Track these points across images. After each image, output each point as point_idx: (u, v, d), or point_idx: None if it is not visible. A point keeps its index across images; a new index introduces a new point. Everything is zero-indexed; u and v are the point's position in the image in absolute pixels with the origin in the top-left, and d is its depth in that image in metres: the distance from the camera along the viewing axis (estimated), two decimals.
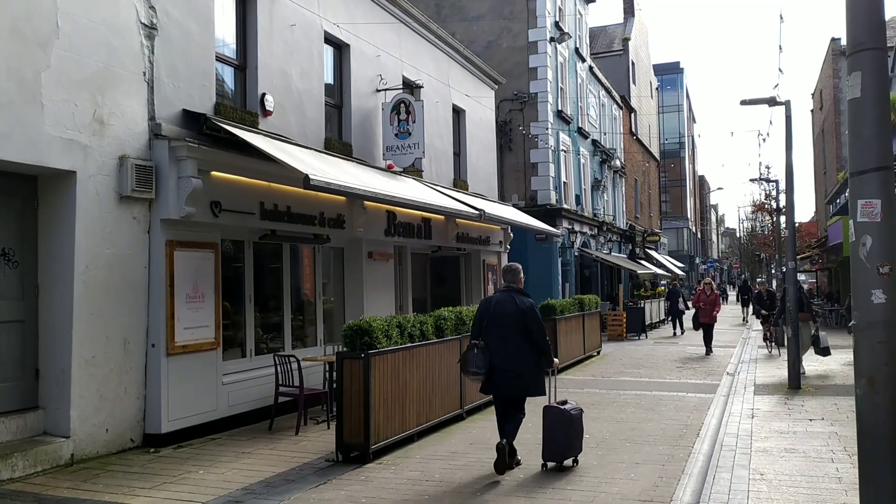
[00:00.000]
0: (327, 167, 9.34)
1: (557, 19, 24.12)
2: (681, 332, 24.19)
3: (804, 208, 70.52)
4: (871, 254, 3.81)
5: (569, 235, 23.83)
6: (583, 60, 27.57)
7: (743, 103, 14.38)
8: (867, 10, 3.89)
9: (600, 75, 30.55)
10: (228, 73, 9.89)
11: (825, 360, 13.92)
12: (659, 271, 35.12)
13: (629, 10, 41.65)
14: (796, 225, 16.78)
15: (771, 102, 14.18)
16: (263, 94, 10.01)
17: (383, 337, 7.62)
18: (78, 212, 7.39)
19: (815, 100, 39.02)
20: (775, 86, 34.90)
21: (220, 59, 9.55)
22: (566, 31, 24.51)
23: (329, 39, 11.77)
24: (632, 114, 37.43)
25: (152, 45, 8.30)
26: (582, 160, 26.96)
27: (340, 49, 12.24)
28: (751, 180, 70.92)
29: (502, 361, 6.82)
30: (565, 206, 23.73)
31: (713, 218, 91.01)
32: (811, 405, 10.06)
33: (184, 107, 8.66)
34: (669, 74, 59.66)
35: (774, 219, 27.01)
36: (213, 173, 8.63)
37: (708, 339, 18.11)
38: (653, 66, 50.45)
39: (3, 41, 6.68)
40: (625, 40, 38.61)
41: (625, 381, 13.06)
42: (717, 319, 19.17)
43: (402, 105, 12.74)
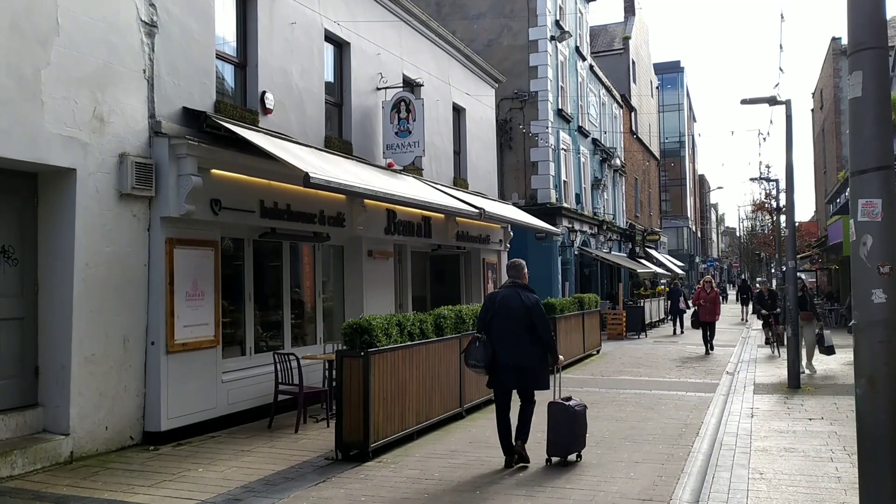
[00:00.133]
0: (327, 165, 9.33)
1: (558, 18, 24.11)
2: (681, 331, 24.22)
3: (804, 208, 70.60)
4: (872, 253, 3.81)
5: (569, 234, 23.84)
6: (583, 59, 27.55)
7: (743, 102, 14.37)
8: (868, 10, 3.89)
9: (601, 74, 30.54)
10: (229, 71, 9.88)
11: (825, 360, 13.93)
12: (659, 270, 35.14)
13: (630, 9, 41.62)
14: (796, 224, 16.77)
15: (771, 102, 14.17)
16: (264, 92, 10.01)
17: (383, 335, 7.62)
18: (78, 209, 7.39)
19: (816, 99, 39.02)
20: (776, 85, 34.97)
21: (221, 57, 9.55)
22: (567, 30, 24.50)
23: (329, 37, 11.76)
24: (632, 113, 37.42)
25: (152, 43, 8.29)
26: (582, 159, 26.96)
27: (341, 47, 12.22)
28: (751, 179, 71.04)
29: (506, 356, 6.90)
30: (565, 205, 23.72)
31: (713, 217, 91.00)
32: (811, 404, 10.06)
33: (184, 104, 8.65)
34: (670, 73, 59.63)
35: (774, 218, 27.01)
36: (213, 171, 8.62)
37: (709, 338, 18.10)
38: (653, 65, 50.42)
39: (4, 38, 6.67)
40: (625, 39, 38.58)
41: (624, 380, 13.07)
42: (719, 317, 19.08)
43: (403, 103, 12.73)
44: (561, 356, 7.37)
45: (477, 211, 12.93)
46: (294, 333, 10.78)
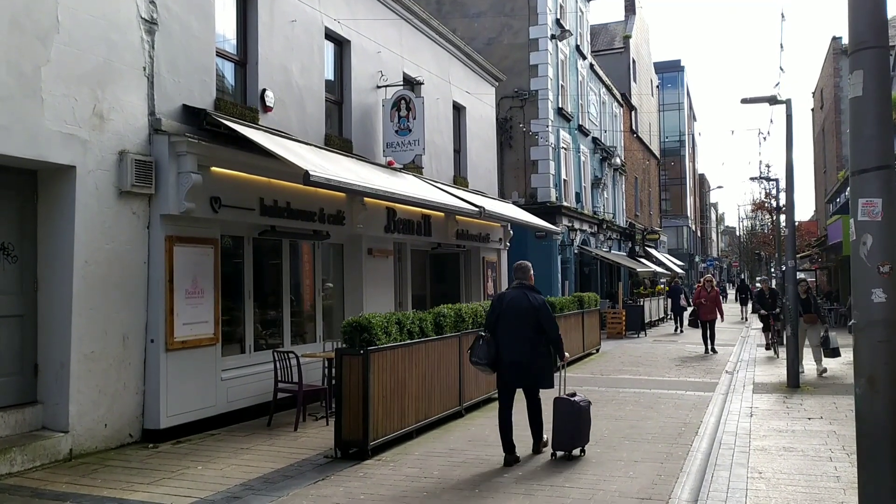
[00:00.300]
0: (327, 163, 9.33)
1: (558, 16, 24.10)
2: (681, 330, 24.24)
3: (804, 207, 70.51)
4: (872, 253, 3.80)
5: (568, 233, 23.84)
6: (583, 58, 27.54)
7: (743, 102, 14.35)
8: (869, 9, 3.88)
9: (601, 73, 30.52)
10: (229, 69, 9.87)
11: (826, 360, 13.90)
12: (658, 269, 35.13)
13: (630, 8, 41.61)
14: (796, 224, 16.77)
15: (771, 101, 14.15)
16: (264, 90, 10.00)
17: (382, 334, 7.63)
18: (77, 207, 7.38)
19: (816, 98, 39.01)
20: (776, 84, 34.99)
21: (221, 55, 9.54)
22: (567, 29, 24.48)
23: (330, 35, 11.75)
24: (632, 112, 37.41)
25: (152, 40, 8.28)
26: (582, 158, 26.95)
27: (341, 45, 12.22)
28: (751, 179, 71.01)
29: (511, 354, 7.08)
30: (565, 204, 23.72)
31: (713, 216, 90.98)
32: (810, 404, 10.06)
33: (184, 102, 8.65)
34: (670, 72, 59.59)
35: (774, 217, 26.98)
36: (213, 169, 8.62)
37: (711, 338, 18.01)
38: (653, 64, 50.41)
39: (4, 35, 6.66)
40: (626, 38, 38.56)
41: (624, 379, 13.07)
42: (722, 316, 18.94)
43: (403, 101, 12.72)
44: (567, 353, 7.58)
45: (477, 209, 12.93)
46: (293, 331, 10.77)
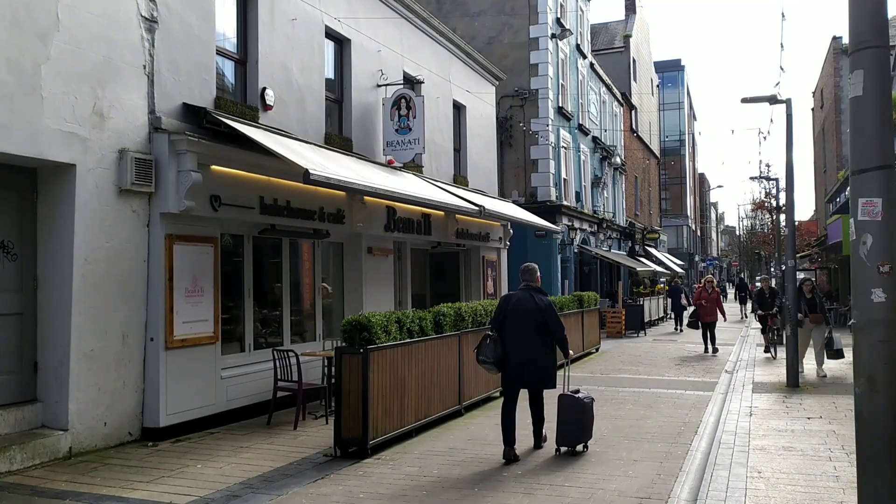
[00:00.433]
0: (327, 162, 9.32)
1: (559, 15, 24.09)
2: (681, 329, 24.25)
3: (804, 207, 70.39)
4: (872, 252, 3.80)
5: (568, 232, 23.83)
6: (584, 57, 27.53)
7: (744, 101, 14.34)
8: (870, 9, 3.88)
9: (601, 72, 30.51)
10: (229, 67, 9.86)
11: (826, 361, 13.87)
12: (658, 269, 35.13)
13: (630, 7, 41.60)
14: (796, 223, 16.76)
15: (772, 100, 14.14)
16: (264, 89, 9.99)
17: (382, 332, 7.63)
18: (77, 205, 7.38)
19: (816, 98, 38.99)
20: (776, 84, 35.01)
21: (221, 53, 9.53)
22: (567, 28, 24.46)
23: (330, 34, 11.74)
24: (632, 111, 37.39)
25: (152, 39, 8.28)
26: (582, 157, 26.94)
27: (341, 44, 12.21)
28: (751, 178, 71.05)
29: (517, 354, 7.21)
30: (565, 203, 23.72)
31: (713, 216, 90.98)
32: (809, 403, 10.06)
33: (184, 100, 8.64)
34: (670, 72, 59.58)
35: (774, 217, 27.00)
36: (213, 167, 8.62)
37: (711, 339, 17.95)
38: (654, 64, 50.38)
39: (4, 33, 6.66)
40: (626, 37, 38.55)
41: (623, 378, 13.07)
42: (724, 316, 18.90)
43: (403, 100, 12.72)
44: (571, 351, 7.74)
45: (477, 208, 12.93)
46: (293, 330, 10.77)
